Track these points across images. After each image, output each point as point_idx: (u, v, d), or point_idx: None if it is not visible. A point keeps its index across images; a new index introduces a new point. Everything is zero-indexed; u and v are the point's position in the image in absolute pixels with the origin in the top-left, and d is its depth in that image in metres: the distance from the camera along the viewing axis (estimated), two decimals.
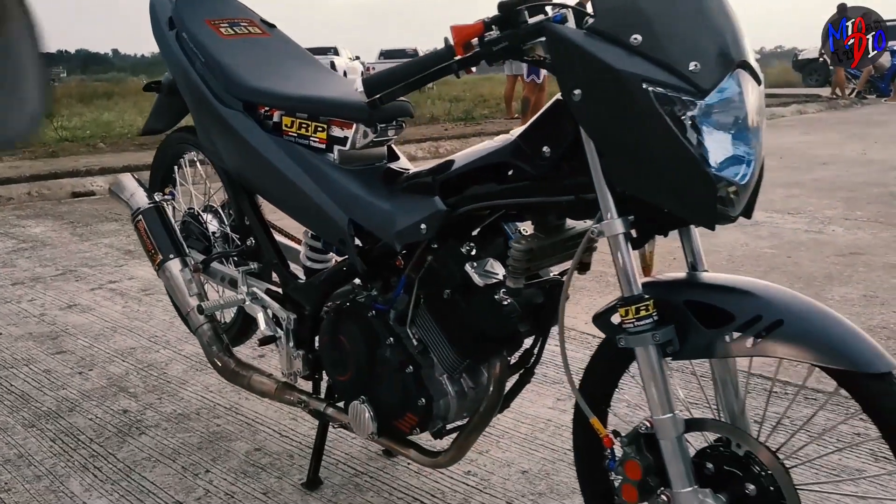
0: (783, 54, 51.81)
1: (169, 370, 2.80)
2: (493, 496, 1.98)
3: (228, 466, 2.15)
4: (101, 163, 8.00)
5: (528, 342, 1.72)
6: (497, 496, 1.97)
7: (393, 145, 1.92)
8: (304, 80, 1.95)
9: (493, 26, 1.33)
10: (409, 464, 2.12)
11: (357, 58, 27.68)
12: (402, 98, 1.74)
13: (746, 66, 1.24)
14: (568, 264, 1.47)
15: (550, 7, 1.32)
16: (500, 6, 1.31)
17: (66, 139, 10.12)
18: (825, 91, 16.72)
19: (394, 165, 1.85)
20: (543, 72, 9.47)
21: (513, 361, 1.75)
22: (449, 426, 1.74)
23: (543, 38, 1.29)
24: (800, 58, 21.28)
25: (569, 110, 1.30)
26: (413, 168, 1.80)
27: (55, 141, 10.01)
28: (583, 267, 1.59)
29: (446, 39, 1.37)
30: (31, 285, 3.96)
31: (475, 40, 1.34)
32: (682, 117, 1.21)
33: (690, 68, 1.20)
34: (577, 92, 1.26)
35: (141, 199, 2.23)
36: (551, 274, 1.68)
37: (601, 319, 1.38)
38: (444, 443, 1.75)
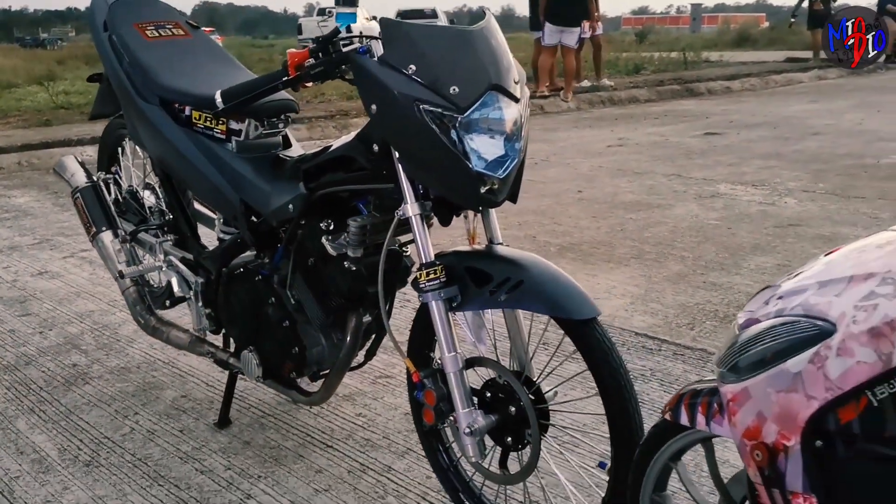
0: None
1: (120, 331, 3.31)
2: (373, 432, 2.45)
3: (155, 410, 2.64)
4: (95, 132, 8.45)
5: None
6: (377, 432, 2.45)
7: (289, 135, 2.38)
8: (213, 79, 2.40)
9: (317, 54, 1.79)
10: (309, 407, 2.60)
11: (374, 18, 28.03)
12: (288, 97, 2.22)
13: (500, 89, 1.69)
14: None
15: (359, 39, 1.77)
16: (319, 40, 1.77)
17: (62, 106, 10.64)
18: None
19: (285, 153, 2.32)
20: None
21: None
22: (322, 372, 2.23)
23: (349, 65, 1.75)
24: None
25: None
26: (297, 155, 2.27)
27: (50, 108, 10.55)
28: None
29: (284, 62, 1.83)
30: (9, 253, 4.49)
31: (307, 62, 1.80)
32: (448, 129, 1.66)
33: (451, 91, 1.65)
34: (373, 107, 1.72)
35: (80, 178, 2.72)
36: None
37: (413, 282, 1.85)
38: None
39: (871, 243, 1.15)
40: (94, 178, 2.73)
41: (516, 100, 1.72)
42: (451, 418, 1.81)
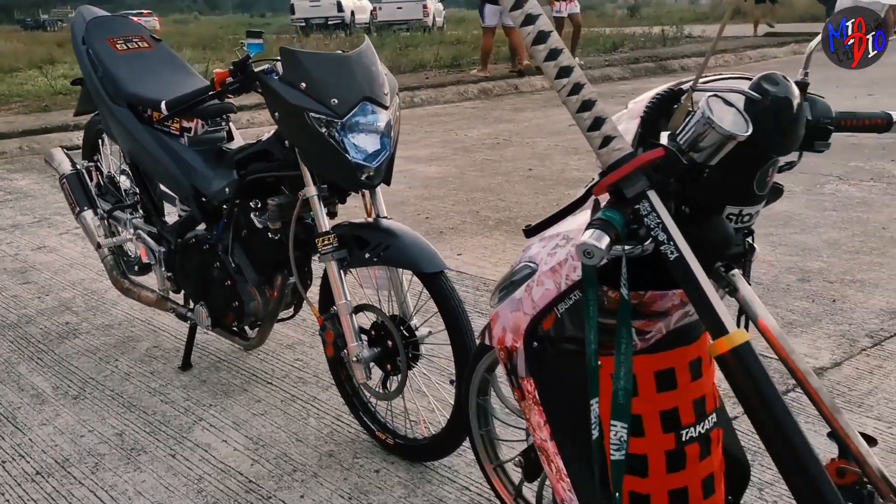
0: None
1: (107, 296, 3.89)
2: (305, 373, 3.03)
3: (132, 357, 3.23)
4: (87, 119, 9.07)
5: None
6: (309, 373, 3.03)
7: (233, 130, 2.95)
8: (168, 87, 2.96)
9: (236, 73, 2.35)
10: (257, 353, 3.18)
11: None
12: (228, 101, 2.77)
13: (371, 100, 2.25)
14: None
15: (269, 63, 2.34)
16: (236, 63, 2.33)
17: (60, 92, 11.19)
18: None
19: (227, 146, 2.88)
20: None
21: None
22: (257, 322, 2.81)
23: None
24: None
25: None
26: (235, 147, 2.83)
27: (49, 94, 11.12)
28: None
29: (211, 79, 2.40)
30: (11, 231, 5.08)
31: (227, 80, 2.37)
32: (331, 131, 2.22)
33: (332, 102, 2.21)
34: (276, 114, 2.28)
35: (66, 166, 3.29)
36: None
37: (313, 247, 2.41)
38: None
39: (580, 216, 1.71)
40: (78, 166, 3.29)
41: (386, 107, 2.28)
42: (346, 351, 2.38)
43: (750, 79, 1.44)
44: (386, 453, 2.48)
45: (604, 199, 1.35)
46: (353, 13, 27.44)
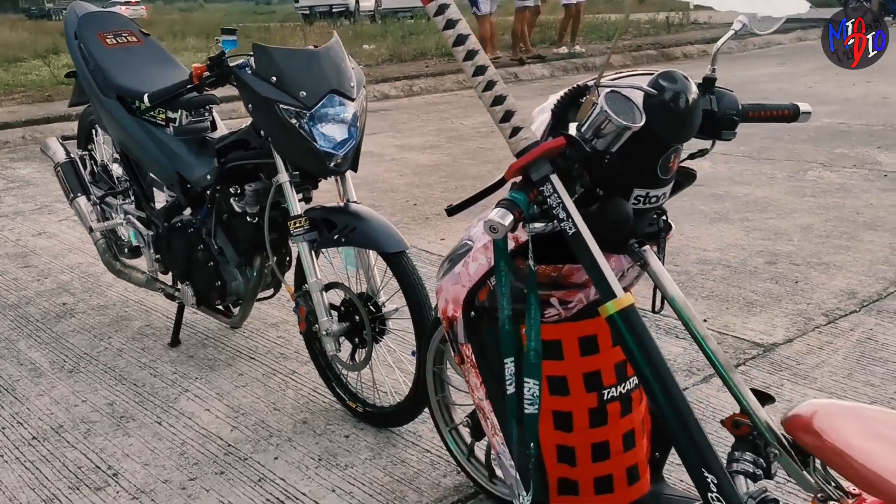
0: None
1: (102, 279, 4.12)
2: (287, 349, 3.25)
3: (124, 335, 3.46)
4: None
5: None
6: (290, 349, 3.25)
7: (216, 120, 3.16)
8: (154, 80, 3.17)
9: (213, 68, 2.56)
10: (243, 331, 3.41)
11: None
12: (211, 93, 2.98)
13: (338, 92, 2.45)
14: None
15: (243, 58, 2.54)
16: (212, 59, 2.54)
17: (62, 82, 11.42)
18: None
19: (210, 135, 3.09)
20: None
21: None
22: (238, 300, 3.03)
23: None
24: None
25: None
26: (217, 136, 3.04)
27: (52, 84, 11.36)
28: None
29: (190, 73, 2.61)
30: (13, 217, 5.32)
31: (204, 74, 2.58)
32: (300, 122, 2.43)
33: (301, 95, 2.42)
34: (250, 106, 2.50)
35: (61, 155, 3.51)
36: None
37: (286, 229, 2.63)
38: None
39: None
40: (72, 155, 3.51)
41: (352, 99, 2.49)
42: (317, 325, 2.60)
43: (652, 74, 1.64)
44: (356, 420, 2.70)
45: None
46: (357, 1, 27.54)
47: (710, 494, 1.39)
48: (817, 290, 3.61)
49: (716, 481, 1.39)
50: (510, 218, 1.44)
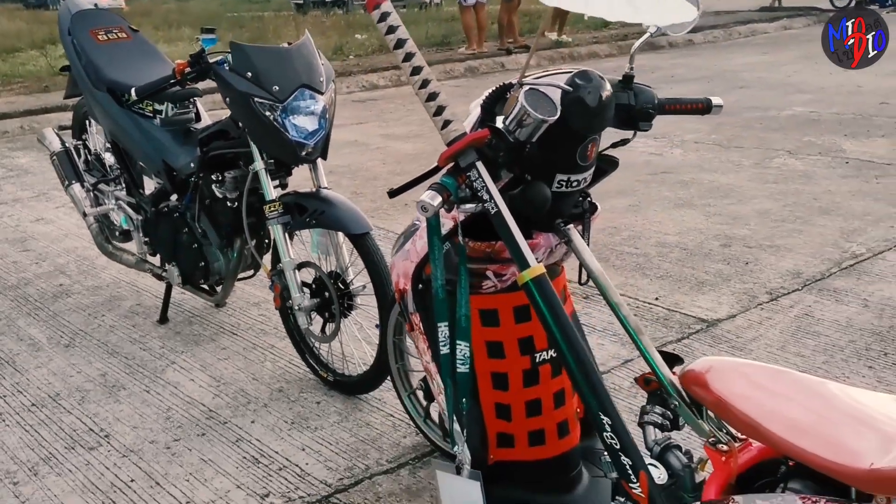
0: None
1: (97, 262, 4.34)
2: (267, 326, 3.48)
3: (117, 313, 3.69)
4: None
5: None
6: (270, 326, 3.48)
7: (201, 111, 3.38)
8: (141, 74, 3.38)
9: (194, 65, 2.78)
10: (227, 309, 3.64)
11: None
12: (194, 87, 3.20)
13: (308, 86, 2.67)
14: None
15: (222, 55, 2.76)
16: (193, 56, 2.76)
17: (59, 73, 11.58)
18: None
19: (195, 126, 3.31)
20: None
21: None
22: (220, 280, 3.26)
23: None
24: None
25: None
26: (201, 127, 3.26)
27: (50, 75, 11.54)
28: None
29: (173, 69, 2.83)
30: (12, 204, 5.54)
31: (186, 70, 2.80)
32: (274, 114, 2.65)
33: (274, 89, 2.64)
34: (227, 99, 2.72)
35: (56, 145, 3.73)
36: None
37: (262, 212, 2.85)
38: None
39: None
40: (67, 145, 3.73)
41: (321, 93, 2.71)
42: (290, 301, 2.82)
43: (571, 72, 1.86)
44: (327, 388, 2.93)
45: None
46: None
47: (605, 434, 1.63)
48: (765, 271, 3.84)
49: (610, 422, 1.62)
50: (439, 199, 1.66)
